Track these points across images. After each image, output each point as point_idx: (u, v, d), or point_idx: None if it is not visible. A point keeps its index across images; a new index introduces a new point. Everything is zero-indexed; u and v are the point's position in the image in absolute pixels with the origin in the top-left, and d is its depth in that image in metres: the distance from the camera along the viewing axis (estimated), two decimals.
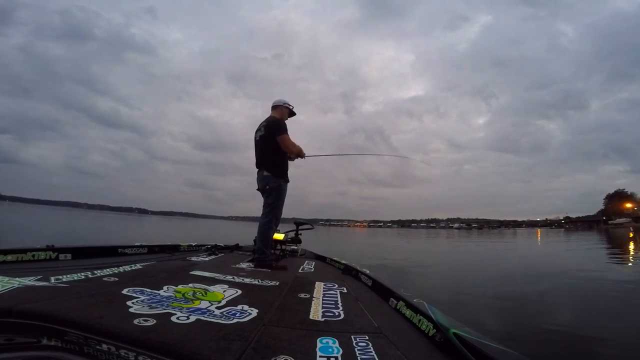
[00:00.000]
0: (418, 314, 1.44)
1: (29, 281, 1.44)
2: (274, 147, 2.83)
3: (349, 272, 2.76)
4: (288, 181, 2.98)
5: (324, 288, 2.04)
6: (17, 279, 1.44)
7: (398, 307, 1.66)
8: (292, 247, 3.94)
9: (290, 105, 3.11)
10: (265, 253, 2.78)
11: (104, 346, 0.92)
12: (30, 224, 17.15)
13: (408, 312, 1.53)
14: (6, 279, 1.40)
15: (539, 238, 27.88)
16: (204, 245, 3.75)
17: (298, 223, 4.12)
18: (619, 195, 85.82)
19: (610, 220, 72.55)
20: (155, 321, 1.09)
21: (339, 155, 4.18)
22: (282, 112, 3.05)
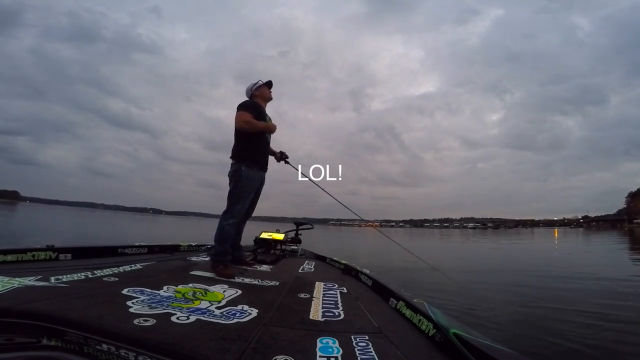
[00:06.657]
0: (418, 314, 1.42)
1: (29, 281, 1.45)
2: (235, 130, 2.58)
3: (349, 272, 2.74)
4: (254, 167, 2.55)
5: (324, 288, 2.03)
6: (17, 279, 1.45)
7: (398, 307, 1.65)
8: (292, 247, 3.92)
9: (261, 80, 2.77)
10: (218, 252, 2.35)
11: (104, 346, 0.92)
12: (57, 224, 17.40)
13: (408, 312, 1.52)
14: (6, 279, 1.42)
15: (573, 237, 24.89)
16: (204, 245, 3.73)
17: (298, 223, 4.09)
18: None
19: (635, 220, 69.43)
20: (155, 321, 1.09)
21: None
22: (259, 92, 2.74)
